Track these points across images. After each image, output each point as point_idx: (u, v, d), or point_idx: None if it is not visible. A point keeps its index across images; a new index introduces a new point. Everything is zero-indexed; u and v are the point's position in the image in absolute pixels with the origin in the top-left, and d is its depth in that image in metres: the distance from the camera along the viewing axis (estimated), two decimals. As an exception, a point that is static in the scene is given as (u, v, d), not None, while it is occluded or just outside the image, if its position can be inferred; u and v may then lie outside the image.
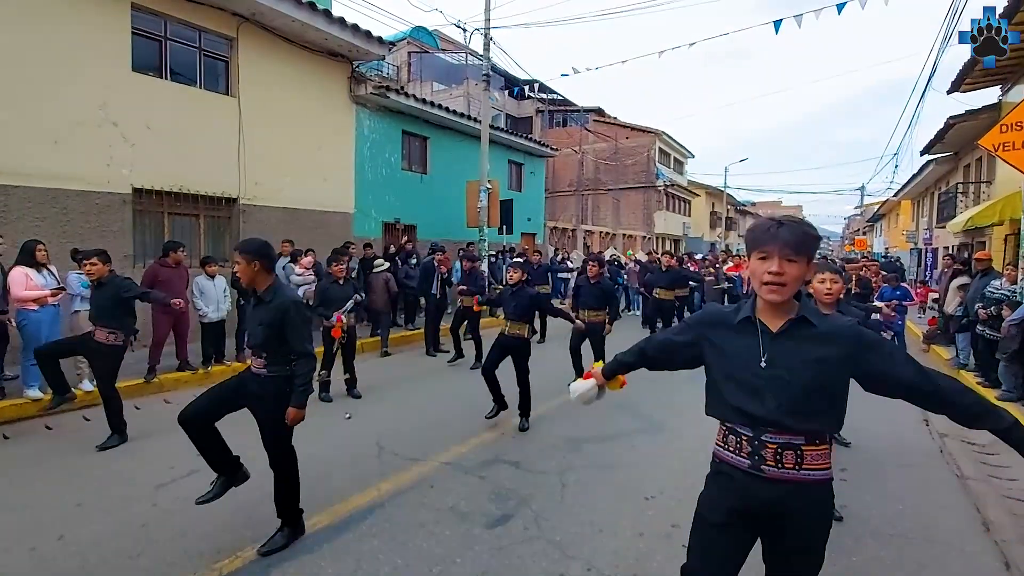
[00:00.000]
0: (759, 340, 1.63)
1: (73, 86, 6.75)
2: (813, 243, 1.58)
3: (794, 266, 1.56)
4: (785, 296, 1.58)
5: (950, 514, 3.55)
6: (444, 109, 12.57)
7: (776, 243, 1.55)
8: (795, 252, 1.55)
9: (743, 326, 1.67)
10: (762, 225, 1.63)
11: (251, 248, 2.94)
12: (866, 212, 41.27)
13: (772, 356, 1.60)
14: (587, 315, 6.50)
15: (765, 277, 1.57)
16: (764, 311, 1.65)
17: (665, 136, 29.66)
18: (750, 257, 1.66)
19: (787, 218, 1.64)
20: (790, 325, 1.61)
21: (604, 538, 3.11)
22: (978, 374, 6.96)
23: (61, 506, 3.36)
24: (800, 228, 1.58)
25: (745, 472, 1.64)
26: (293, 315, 2.90)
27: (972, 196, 14.57)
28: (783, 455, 1.59)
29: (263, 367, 2.92)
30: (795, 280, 1.57)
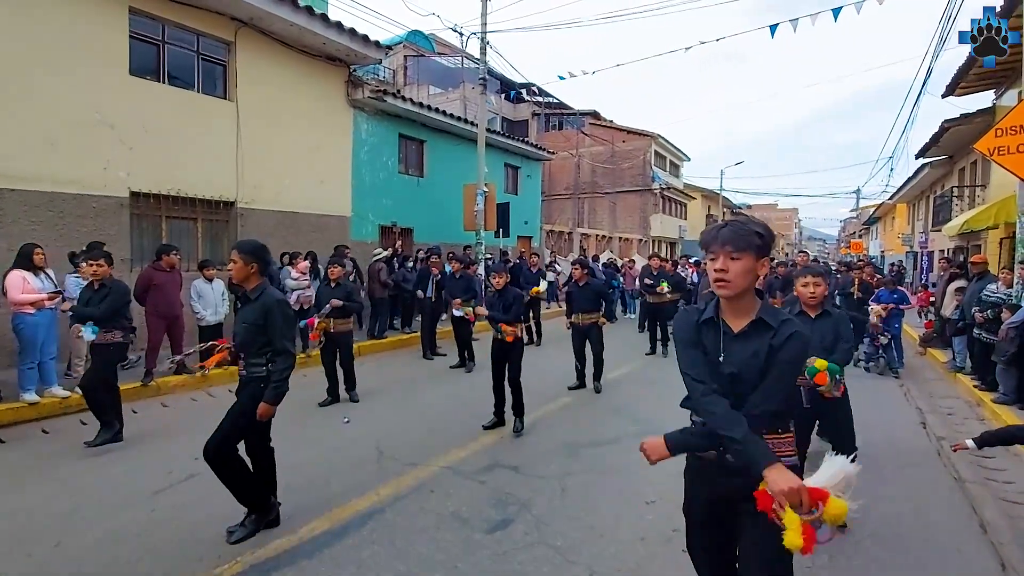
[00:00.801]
0: (720, 339, 1.71)
1: (70, 89, 6.73)
2: (755, 239, 1.62)
3: (738, 263, 1.61)
4: (732, 291, 1.64)
5: (948, 516, 3.56)
6: (441, 113, 12.59)
7: (718, 242, 1.63)
8: (736, 249, 1.61)
9: (708, 325, 1.74)
10: (710, 228, 1.71)
11: (249, 248, 3.05)
12: (862, 215, 41.49)
13: (728, 355, 1.68)
14: (581, 318, 6.55)
15: (713, 275, 1.66)
16: (727, 311, 1.72)
17: (661, 139, 29.77)
18: (705, 260, 1.75)
19: (732, 220, 1.71)
20: (749, 327, 1.68)
21: (605, 543, 3.10)
22: (974, 377, 6.99)
23: (58, 512, 3.34)
24: (742, 227, 1.64)
25: (712, 462, 1.74)
26: (276, 313, 2.98)
27: (967, 199, 14.68)
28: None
29: (243, 368, 3.03)
30: (740, 275, 1.62)
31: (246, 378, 3.03)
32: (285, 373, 2.99)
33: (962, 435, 5.46)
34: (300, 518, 3.28)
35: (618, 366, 7.56)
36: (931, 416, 6.01)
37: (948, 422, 5.88)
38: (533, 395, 6.12)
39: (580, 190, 26.76)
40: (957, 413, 6.20)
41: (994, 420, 5.85)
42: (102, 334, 4.44)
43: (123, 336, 4.58)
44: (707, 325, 1.74)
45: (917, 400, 6.64)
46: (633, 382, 7.06)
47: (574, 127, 27.51)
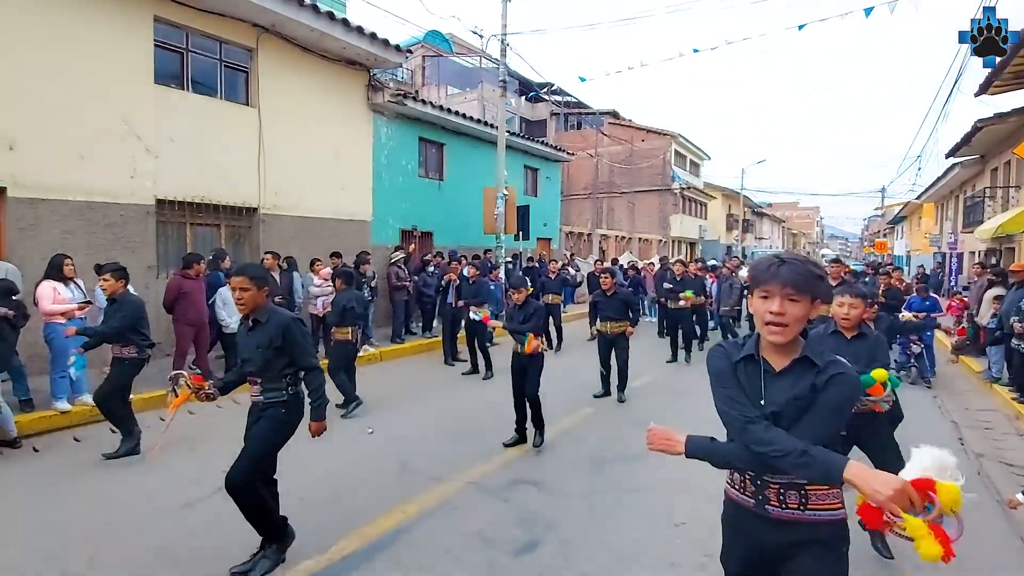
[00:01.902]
0: (761, 379, 1.59)
1: (97, 100, 6.83)
2: (817, 282, 1.51)
3: (797, 306, 1.49)
4: (787, 337, 1.52)
5: (992, 544, 3.41)
6: (461, 116, 12.57)
7: (777, 282, 1.49)
8: (797, 291, 1.48)
9: (747, 363, 1.63)
10: (763, 263, 1.57)
11: (260, 274, 2.94)
12: (887, 214, 40.54)
13: (771, 395, 1.56)
14: (609, 327, 6.46)
15: (767, 317, 1.52)
16: (768, 349, 1.60)
17: (681, 138, 29.42)
18: (752, 294, 1.59)
19: (790, 255, 1.58)
20: (793, 364, 1.56)
21: (635, 570, 3.04)
22: (1012, 388, 6.76)
23: (91, 524, 3.38)
24: (803, 267, 1.51)
25: (751, 512, 1.62)
26: (294, 331, 2.88)
27: (1000, 201, 14.22)
28: (786, 495, 1.55)
29: (259, 394, 2.89)
30: (797, 320, 1.51)
31: (263, 404, 2.87)
32: (322, 388, 2.94)
33: (1002, 451, 5.31)
34: (328, 536, 3.27)
35: (640, 375, 7.45)
36: (968, 431, 5.82)
37: (986, 437, 5.68)
38: (554, 404, 6.07)
39: (599, 190, 26.57)
40: (996, 427, 5.99)
41: (1035, 435, 5.64)
42: (120, 348, 4.44)
43: (139, 352, 4.54)
44: (746, 363, 1.63)
45: (952, 413, 6.44)
46: (657, 392, 6.96)
47: (593, 127, 27.32)
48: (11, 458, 4.52)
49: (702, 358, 9.09)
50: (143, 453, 4.51)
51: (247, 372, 2.93)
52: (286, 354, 2.86)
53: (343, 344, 6.01)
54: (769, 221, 52.39)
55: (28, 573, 2.87)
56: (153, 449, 4.15)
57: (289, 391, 2.90)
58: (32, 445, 4.78)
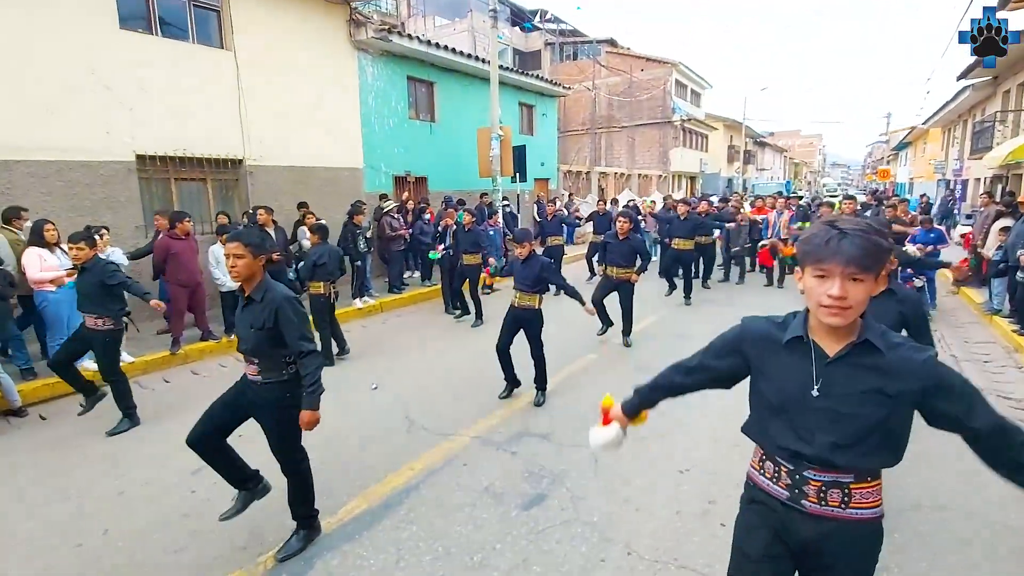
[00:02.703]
0: (812, 365, 1.40)
1: (57, 49, 6.36)
2: (884, 256, 1.31)
3: (860, 286, 1.29)
4: (849, 320, 1.33)
5: (995, 483, 3.46)
6: (451, 51, 11.89)
7: (838, 259, 1.28)
8: (862, 269, 1.27)
9: (793, 346, 1.44)
10: (820, 235, 1.33)
11: (255, 240, 2.65)
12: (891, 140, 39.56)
13: (827, 385, 1.38)
14: (615, 271, 6.37)
15: (824, 300, 1.31)
16: (819, 329, 1.41)
17: (682, 66, 28.17)
18: (802, 270, 1.39)
19: (850, 224, 1.32)
20: (851, 350, 1.37)
21: (641, 518, 3.10)
22: (1013, 320, 6.77)
23: (103, 495, 3.42)
24: (868, 240, 1.28)
25: (783, 503, 1.49)
26: (288, 312, 2.63)
27: (1011, 125, 13.77)
28: (828, 493, 1.42)
29: (257, 374, 2.70)
30: (861, 303, 1.30)
31: (262, 383, 2.70)
32: (317, 374, 2.68)
33: (1000, 385, 5.36)
34: (338, 497, 3.32)
35: (643, 317, 7.43)
36: (967, 364, 5.87)
37: (985, 370, 5.73)
38: (557, 351, 6.06)
39: (597, 125, 25.73)
40: (994, 360, 6.04)
41: (1033, 366, 5.69)
42: (94, 320, 4.28)
43: (114, 323, 4.36)
44: (792, 346, 1.44)
45: (952, 347, 6.47)
46: (658, 336, 6.96)
47: (590, 57, 26.07)
48: (18, 427, 4.55)
49: (703, 298, 9.13)
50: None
51: (240, 350, 2.75)
52: (280, 335, 2.65)
53: (316, 298, 6.09)
54: (771, 151, 51.21)
55: (46, 547, 2.92)
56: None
57: (290, 370, 2.71)
58: (39, 413, 4.81)
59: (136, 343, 6.13)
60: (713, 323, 7.45)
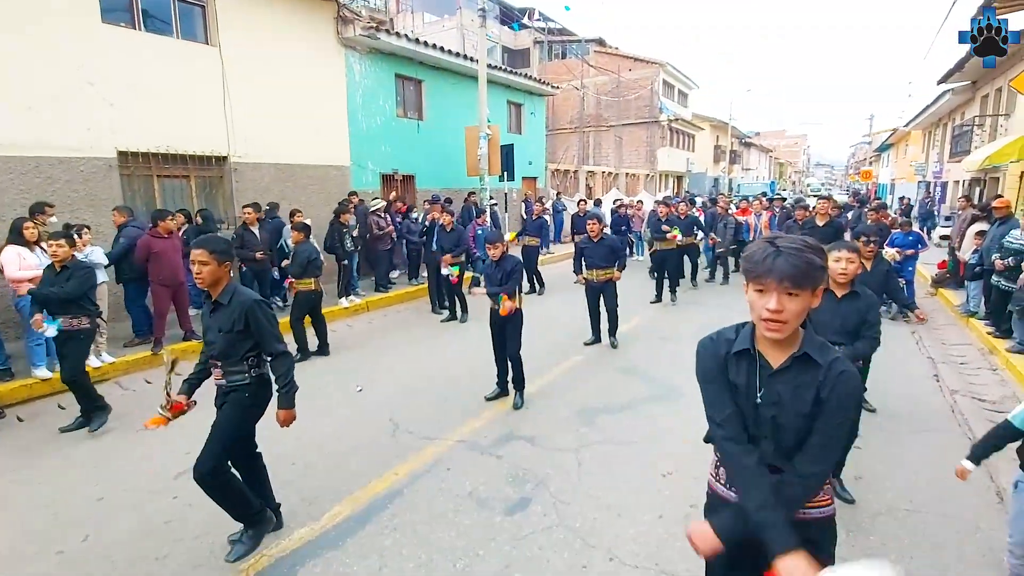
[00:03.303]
0: (757, 375, 1.50)
1: (38, 43, 6.25)
2: (818, 273, 1.38)
3: (796, 300, 1.38)
4: (785, 333, 1.42)
5: (966, 487, 3.55)
6: (439, 49, 11.84)
7: (773, 275, 1.37)
8: (796, 285, 1.36)
9: (740, 357, 1.54)
10: (758, 252, 1.42)
11: (221, 247, 2.68)
12: (874, 141, 40.12)
13: (768, 394, 1.48)
14: (595, 275, 6.41)
15: (763, 313, 1.40)
16: (764, 342, 1.51)
17: (669, 67, 28.30)
18: (747, 285, 1.47)
19: (787, 242, 1.40)
20: (792, 362, 1.47)
21: (624, 523, 3.14)
22: (988, 323, 6.93)
23: (84, 500, 3.38)
24: (801, 257, 1.36)
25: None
26: (258, 314, 2.68)
27: (989, 130, 14.05)
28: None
29: (222, 377, 2.76)
30: (797, 315, 1.39)
31: (226, 388, 2.76)
32: (290, 374, 2.77)
33: (975, 387, 5.49)
34: (322, 503, 3.32)
35: (628, 317, 7.49)
36: (944, 367, 5.99)
37: (961, 372, 5.86)
38: (542, 353, 6.12)
39: (585, 124, 25.78)
40: (970, 362, 6.18)
41: (1007, 369, 5.84)
42: (68, 320, 4.24)
43: (90, 322, 4.37)
44: (739, 357, 1.53)
45: (929, 348, 6.61)
46: (644, 337, 7.02)
47: (578, 56, 26.10)
48: (-4, 429, 4.47)
49: (689, 299, 9.22)
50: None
51: (209, 355, 2.77)
52: (250, 338, 2.70)
53: (307, 295, 6.17)
54: (757, 151, 51.68)
55: (26, 554, 2.88)
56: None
57: (252, 373, 2.75)
58: (16, 415, 4.74)
59: (114, 343, 6.06)
60: (697, 323, 7.56)
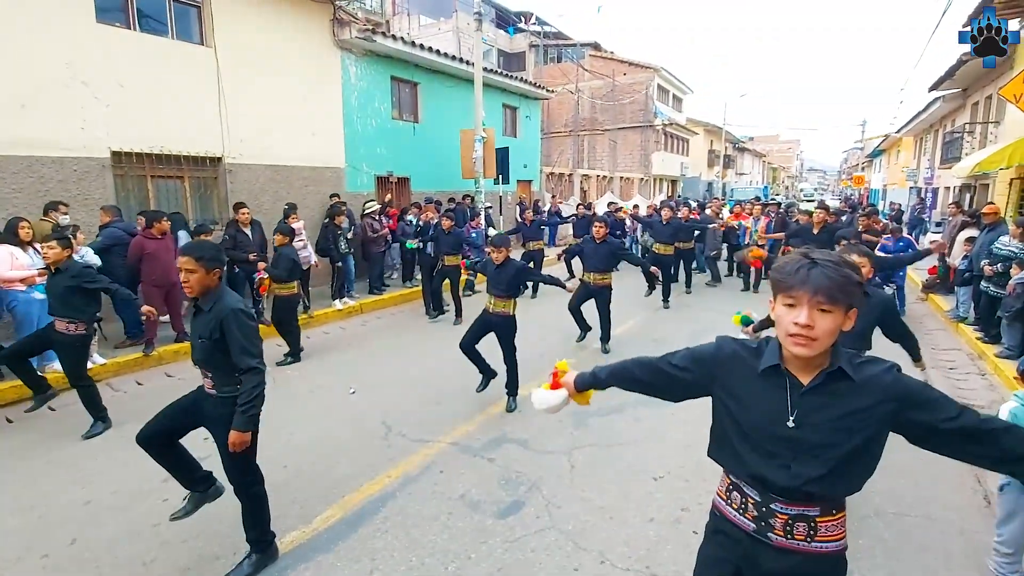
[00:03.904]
0: (787, 395, 1.40)
1: (32, 41, 6.21)
2: (855, 289, 1.32)
3: (828, 317, 1.30)
4: (815, 351, 1.34)
5: (952, 488, 3.61)
6: (435, 52, 11.85)
7: (807, 288, 1.29)
8: (830, 300, 1.28)
9: (767, 374, 1.44)
10: (791, 264, 1.34)
11: (210, 254, 2.59)
12: (866, 147, 40.47)
13: (802, 415, 1.38)
14: (592, 278, 6.40)
15: (791, 328, 1.32)
16: (791, 360, 1.42)
17: (664, 72, 28.46)
18: (775, 299, 1.40)
19: (822, 255, 1.34)
20: (824, 378, 1.37)
21: (615, 526, 3.15)
22: (977, 328, 6.99)
23: (71, 504, 3.35)
24: (838, 271, 1.30)
25: (749, 535, 1.50)
26: (232, 325, 2.51)
27: (979, 137, 14.20)
28: (794, 526, 1.43)
29: (212, 387, 2.66)
30: (829, 334, 1.31)
31: (217, 397, 2.65)
32: (255, 393, 2.54)
33: (964, 392, 5.55)
34: (313, 506, 3.31)
35: (622, 321, 7.52)
36: (933, 371, 6.04)
37: (950, 377, 5.92)
38: (536, 357, 6.11)
39: (580, 127, 25.86)
40: (959, 367, 6.24)
41: (996, 374, 5.90)
42: (65, 324, 4.17)
43: (87, 328, 4.28)
44: (767, 375, 1.43)
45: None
46: (637, 340, 7.03)
47: (574, 59, 26.20)
48: (-16, 432, 4.43)
49: (681, 303, 9.25)
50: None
51: (195, 361, 2.68)
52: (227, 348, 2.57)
53: (291, 299, 6.17)
54: (750, 156, 51.98)
55: (9, 558, 2.85)
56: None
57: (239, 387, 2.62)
58: (5, 416, 4.70)
59: (105, 344, 6.02)
60: (690, 328, 7.58)
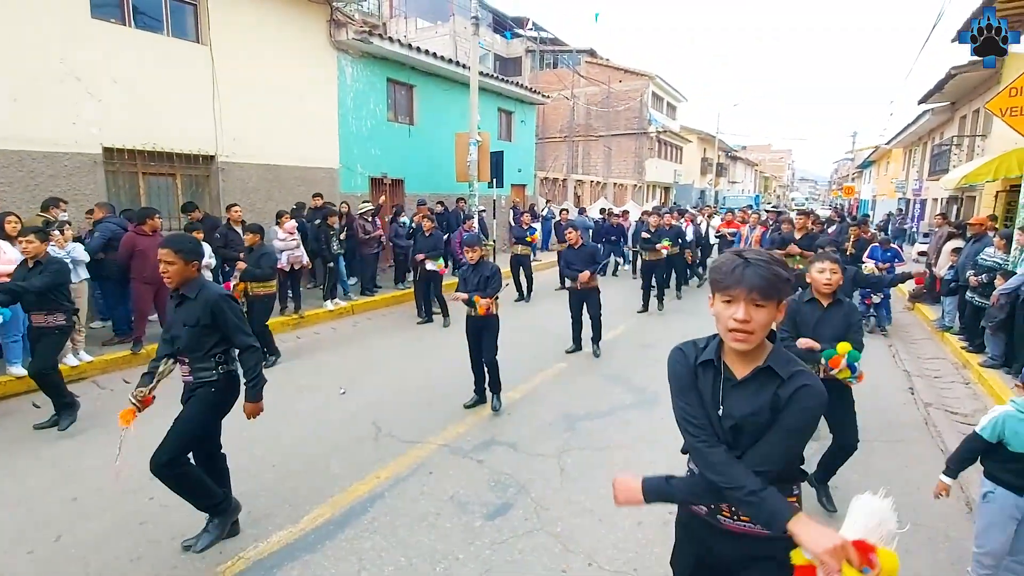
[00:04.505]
0: (720, 387, 1.51)
1: (27, 36, 6.19)
2: (784, 285, 1.42)
3: (762, 311, 1.40)
4: (752, 344, 1.43)
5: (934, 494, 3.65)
6: (432, 55, 11.89)
7: (742, 286, 1.39)
8: (763, 296, 1.38)
9: (706, 367, 1.54)
10: (726, 264, 1.44)
11: (188, 247, 2.71)
12: (857, 158, 40.96)
13: (729, 406, 1.49)
14: (578, 281, 6.46)
15: (730, 324, 1.41)
16: (730, 354, 1.51)
17: (659, 79, 28.68)
18: (714, 296, 1.48)
19: (754, 254, 1.44)
20: (755, 374, 1.47)
21: (603, 529, 3.16)
22: (962, 338, 7.10)
23: (57, 501, 3.32)
24: (769, 269, 1.40)
25: (703, 520, 1.60)
26: (224, 309, 2.72)
27: (966, 150, 14.43)
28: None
29: (188, 374, 2.78)
30: (763, 326, 1.42)
31: (193, 384, 2.79)
32: (258, 367, 2.85)
33: (948, 400, 5.63)
34: (301, 506, 3.30)
35: (613, 326, 7.56)
36: (919, 380, 6.12)
37: (934, 386, 6.00)
38: (527, 359, 6.16)
39: (574, 133, 25.99)
40: (944, 376, 6.32)
41: (980, 383, 5.98)
42: (43, 316, 4.20)
43: (66, 319, 4.33)
44: (705, 367, 1.54)
45: (905, 362, 6.75)
46: (628, 345, 7.08)
47: (569, 65, 26.35)
48: (-33, 428, 4.37)
49: (674, 307, 9.31)
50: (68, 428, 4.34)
51: (176, 350, 2.77)
52: (216, 332, 2.74)
53: (269, 297, 6.11)
54: (743, 164, 52.46)
55: (-7, 553, 2.82)
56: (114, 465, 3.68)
57: (219, 370, 2.79)
58: (-11, 412, 4.64)
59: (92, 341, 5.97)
60: (680, 332, 7.63)
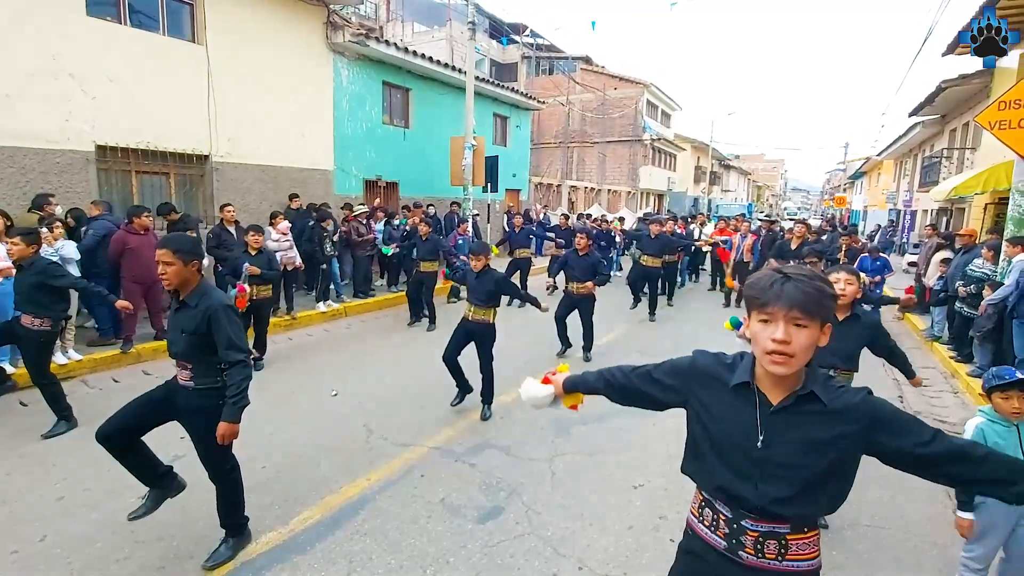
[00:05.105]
0: (756, 413, 1.38)
1: (21, 32, 6.15)
2: (829, 303, 1.29)
3: (804, 332, 1.27)
4: (792, 369, 1.30)
5: (924, 502, 3.68)
6: (428, 59, 11.93)
7: (780, 303, 1.27)
8: (805, 314, 1.25)
9: (739, 391, 1.42)
10: (764, 280, 1.32)
11: (187, 247, 2.59)
12: (848, 168, 41.39)
13: (770, 436, 1.36)
14: (575, 287, 6.48)
15: (768, 345, 1.29)
16: (764, 378, 1.39)
17: (653, 87, 28.90)
18: (750, 316, 1.37)
19: (796, 270, 1.32)
20: (796, 400, 1.35)
21: (594, 533, 3.16)
22: (951, 347, 7.17)
23: (42, 501, 3.28)
24: (812, 284, 1.27)
25: (720, 553, 1.48)
26: (222, 319, 2.56)
27: (956, 162, 14.63)
28: (765, 544, 1.40)
29: (189, 379, 2.65)
30: (805, 349, 1.28)
31: (195, 390, 2.65)
32: (243, 385, 2.59)
33: (937, 409, 5.68)
34: (291, 507, 3.27)
35: (605, 331, 7.57)
36: (907, 389, 6.17)
37: (923, 394, 6.05)
38: (520, 365, 6.14)
39: (569, 139, 26.11)
40: (933, 384, 6.38)
41: (967, 392, 6.05)
42: (31, 319, 4.06)
43: (52, 324, 4.15)
44: (739, 390, 1.41)
45: (895, 371, 6.77)
46: (620, 351, 7.08)
47: (565, 72, 26.50)
48: (-50, 426, 4.31)
49: (664, 315, 9.34)
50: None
51: (173, 354, 2.68)
52: (211, 341, 2.59)
53: (269, 301, 6.08)
54: (736, 173, 52.86)
55: (-24, 553, 2.78)
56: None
57: (223, 378, 2.65)
58: (-25, 411, 4.57)
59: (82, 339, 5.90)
60: (673, 339, 7.67)
